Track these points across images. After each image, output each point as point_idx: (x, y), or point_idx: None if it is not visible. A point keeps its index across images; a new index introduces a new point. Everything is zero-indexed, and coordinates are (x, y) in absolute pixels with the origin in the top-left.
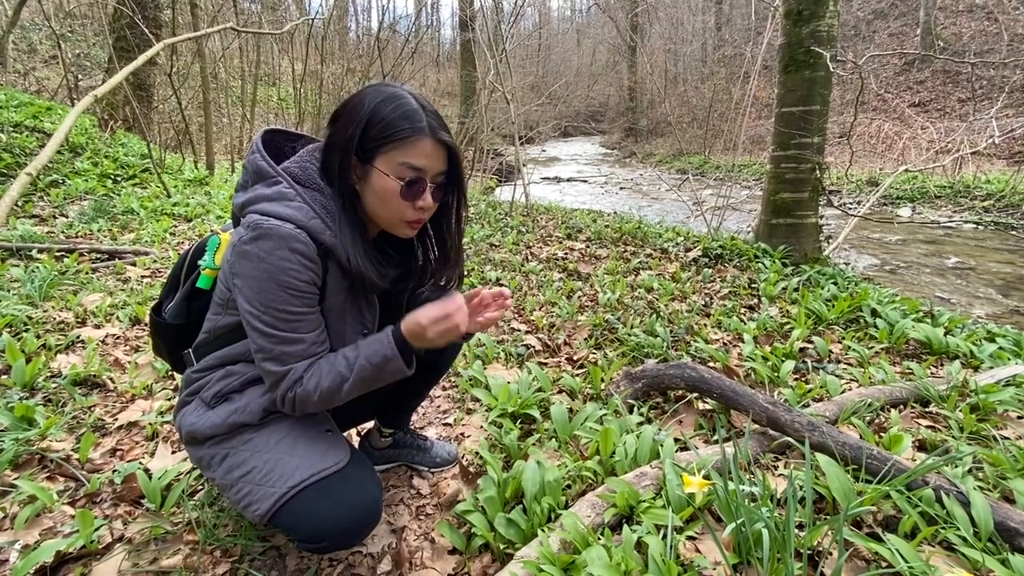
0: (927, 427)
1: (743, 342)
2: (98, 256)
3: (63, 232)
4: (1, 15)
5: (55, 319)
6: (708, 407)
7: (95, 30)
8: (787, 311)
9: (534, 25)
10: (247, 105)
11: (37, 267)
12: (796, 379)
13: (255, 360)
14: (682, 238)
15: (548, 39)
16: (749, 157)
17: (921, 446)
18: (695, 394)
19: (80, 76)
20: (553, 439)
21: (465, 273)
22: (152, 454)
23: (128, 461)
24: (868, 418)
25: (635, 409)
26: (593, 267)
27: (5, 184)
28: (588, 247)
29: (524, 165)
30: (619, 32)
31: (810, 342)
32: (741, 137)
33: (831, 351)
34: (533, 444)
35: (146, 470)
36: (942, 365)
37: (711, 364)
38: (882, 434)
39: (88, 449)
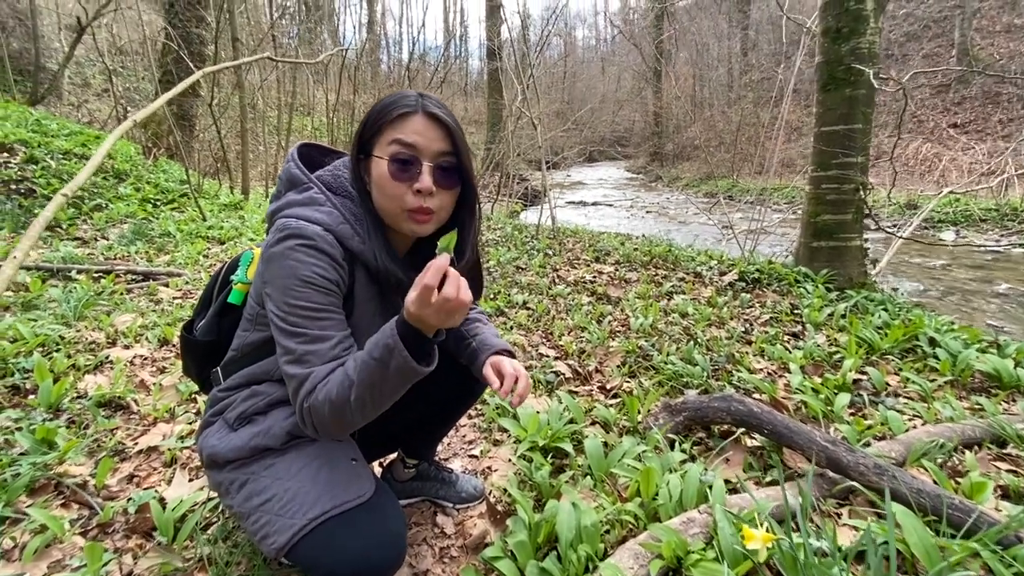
0: (1008, 471)
1: (789, 372)
2: (133, 277)
3: (103, 254)
4: (59, 51)
5: (87, 339)
6: (757, 443)
7: (144, 65)
8: (835, 339)
9: (559, 55)
10: (283, 133)
11: (74, 287)
12: (852, 414)
13: (280, 366)
14: (715, 261)
15: (573, 67)
16: (779, 180)
17: (1005, 494)
18: (742, 429)
19: (129, 108)
20: (588, 476)
21: (484, 284)
22: (169, 482)
23: (144, 488)
24: (940, 460)
25: (676, 445)
26: (623, 291)
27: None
28: (617, 270)
29: (550, 189)
30: (644, 59)
31: (863, 373)
32: (774, 160)
33: (887, 383)
34: (566, 482)
35: (161, 499)
36: (1014, 400)
37: (756, 396)
38: (959, 479)
39: (105, 475)
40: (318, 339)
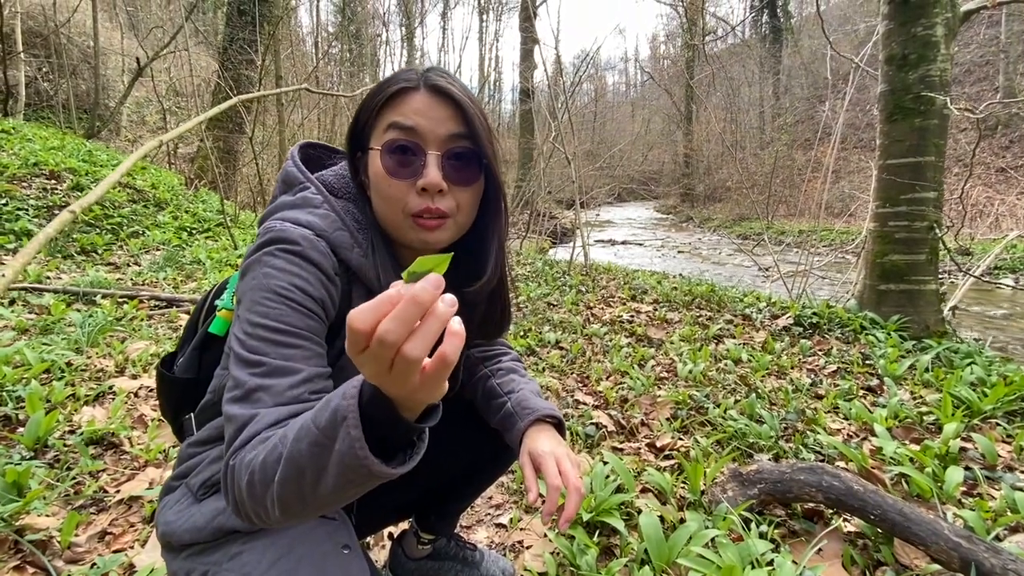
0: None
1: (874, 435)
2: (157, 303)
3: (132, 279)
4: (122, 91)
5: (95, 367)
6: (854, 527)
7: (198, 105)
8: (920, 396)
9: (590, 98)
10: None
11: (95, 312)
12: (965, 492)
13: (223, 403)
14: (764, 304)
15: (604, 111)
16: (815, 222)
17: None
18: (833, 509)
19: (180, 144)
20: (646, 565)
21: (511, 319)
22: (143, 543)
23: (115, 550)
24: None
25: (752, 525)
26: (665, 332)
27: (89, 233)
28: (656, 310)
29: (581, 225)
30: (674, 103)
31: (967, 440)
32: (823, 199)
33: (999, 454)
34: (618, 573)
35: (130, 565)
36: None
37: (841, 464)
38: None
39: (72, 531)
40: (278, 372)
